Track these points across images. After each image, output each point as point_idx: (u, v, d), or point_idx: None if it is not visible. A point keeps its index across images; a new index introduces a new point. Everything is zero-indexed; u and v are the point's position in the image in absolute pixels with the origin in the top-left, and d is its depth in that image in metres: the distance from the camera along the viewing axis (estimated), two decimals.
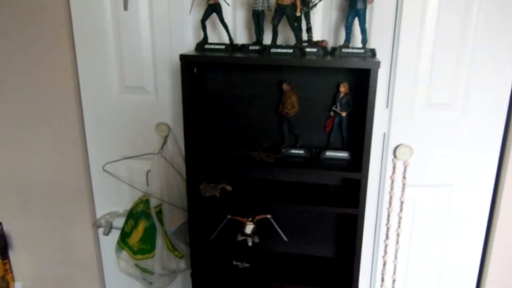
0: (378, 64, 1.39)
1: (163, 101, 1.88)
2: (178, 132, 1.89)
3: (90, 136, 1.99)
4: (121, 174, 2.02)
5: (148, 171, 1.95)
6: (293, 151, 1.67)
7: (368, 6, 1.49)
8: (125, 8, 1.78)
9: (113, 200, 2.08)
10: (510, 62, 1.66)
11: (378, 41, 1.65)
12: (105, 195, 2.09)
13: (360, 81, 1.56)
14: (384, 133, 1.78)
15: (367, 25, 1.52)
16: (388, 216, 1.87)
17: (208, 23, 1.60)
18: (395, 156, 1.78)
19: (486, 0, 1.59)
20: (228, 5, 1.62)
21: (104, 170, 1.99)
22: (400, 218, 1.86)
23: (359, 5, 1.46)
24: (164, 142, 1.90)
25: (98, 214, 2.12)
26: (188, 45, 1.77)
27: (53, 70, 1.88)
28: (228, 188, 1.69)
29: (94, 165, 2.03)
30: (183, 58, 1.49)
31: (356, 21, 1.50)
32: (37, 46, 1.85)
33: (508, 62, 1.66)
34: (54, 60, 1.87)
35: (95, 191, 2.09)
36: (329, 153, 1.65)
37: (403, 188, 1.82)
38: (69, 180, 2.04)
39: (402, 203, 1.84)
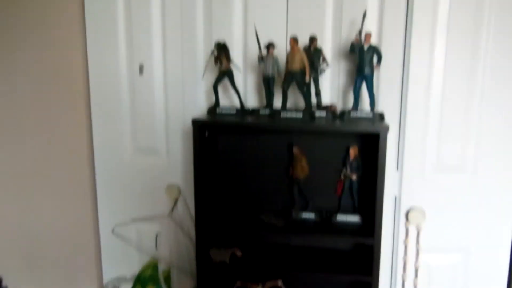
0: (387, 129, 1.40)
1: (175, 162, 1.89)
2: (189, 194, 1.88)
3: (101, 196, 2.00)
4: (131, 236, 1.99)
5: (157, 234, 1.93)
6: (303, 214, 1.66)
7: (375, 71, 1.53)
8: (141, 72, 1.84)
9: (121, 264, 2.04)
10: None
11: (386, 103, 1.67)
12: (113, 258, 2.06)
13: (370, 144, 1.56)
14: (395, 197, 1.76)
15: (374, 89, 1.55)
16: (403, 283, 1.81)
17: (220, 87, 1.64)
18: (407, 220, 1.75)
19: (492, 57, 1.62)
20: (240, 72, 1.67)
21: (113, 233, 1.97)
22: (415, 285, 1.80)
23: (366, 71, 1.50)
24: (175, 204, 1.89)
25: (106, 277, 2.08)
26: (201, 107, 1.81)
27: (68, 129, 1.93)
28: (238, 254, 1.66)
29: (104, 227, 2.02)
30: (195, 123, 1.52)
31: (364, 85, 1.53)
32: (54, 105, 1.91)
33: None
34: (70, 120, 1.92)
35: (103, 254, 2.06)
36: (340, 217, 1.63)
37: (417, 253, 1.77)
38: (78, 242, 2.03)
39: (416, 269, 1.78)
